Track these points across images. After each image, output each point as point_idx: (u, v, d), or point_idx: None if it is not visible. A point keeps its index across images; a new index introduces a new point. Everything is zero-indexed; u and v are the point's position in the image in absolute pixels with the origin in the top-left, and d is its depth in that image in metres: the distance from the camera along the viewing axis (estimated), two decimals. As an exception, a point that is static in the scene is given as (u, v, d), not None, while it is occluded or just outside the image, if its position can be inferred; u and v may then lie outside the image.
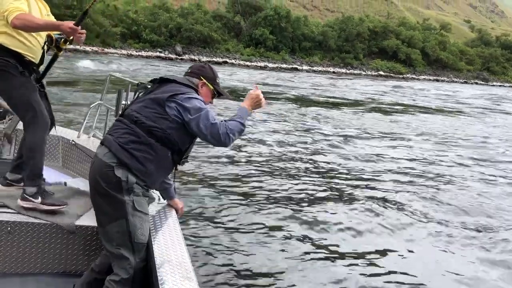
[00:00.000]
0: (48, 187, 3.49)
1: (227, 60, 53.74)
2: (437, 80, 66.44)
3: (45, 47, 3.17)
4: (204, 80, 2.62)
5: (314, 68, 58.47)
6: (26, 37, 3.06)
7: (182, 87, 2.49)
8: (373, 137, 12.94)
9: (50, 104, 3.45)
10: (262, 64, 55.35)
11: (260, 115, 14.24)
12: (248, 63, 54.33)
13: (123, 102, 3.96)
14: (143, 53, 48.59)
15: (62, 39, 3.03)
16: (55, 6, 45.19)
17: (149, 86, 2.68)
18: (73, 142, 4.26)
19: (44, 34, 3.15)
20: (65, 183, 3.71)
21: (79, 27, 2.86)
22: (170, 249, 2.39)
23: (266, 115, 14.98)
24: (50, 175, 3.86)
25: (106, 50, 46.37)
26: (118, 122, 2.51)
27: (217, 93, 2.67)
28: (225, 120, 2.48)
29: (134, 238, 2.36)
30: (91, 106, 4.73)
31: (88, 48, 45.04)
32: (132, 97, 2.74)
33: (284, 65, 56.69)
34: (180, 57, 50.60)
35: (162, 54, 50.00)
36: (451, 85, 57.66)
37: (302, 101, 21.84)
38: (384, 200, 6.96)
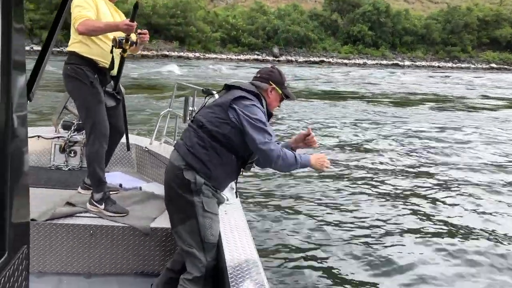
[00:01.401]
0: (124, 192, 3.75)
1: (324, 59, 53.14)
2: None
3: (113, 51, 3.21)
4: (274, 85, 2.62)
5: (417, 63, 55.57)
6: (99, 44, 3.18)
7: (246, 93, 2.50)
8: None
9: (125, 112, 3.56)
10: (361, 61, 53.90)
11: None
12: (346, 61, 53.23)
13: (190, 108, 4.08)
14: (242, 57, 49.81)
15: (124, 40, 3.08)
16: (161, 16, 48.15)
17: (215, 93, 2.80)
18: (146, 149, 4.47)
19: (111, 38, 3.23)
20: (140, 188, 3.90)
21: (134, 22, 2.96)
22: (240, 249, 2.45)
23: (382, 116, 14.45)
24: (127, 180, 4.09)
25: (207, 55, 48.32)
26: (188, 127, 2.61)
27: (286, 97, 2.67)
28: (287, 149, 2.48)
29: (205, 238, 2.43)
30: (161, 114, 4.96)
31: (191, 55, 47.29)
32: (202, 103, 2.77)
33: (384, 61, 54.63)
34: (277, 59, 51.06)
35: (259, 57, 50.86)
36: None
37: (412, 101, 20.66)
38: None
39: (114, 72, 3.33)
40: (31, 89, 1.26)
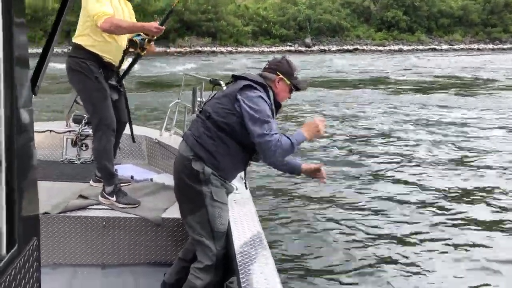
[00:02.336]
0: (136, 184, 3.81)
1: (358, 46, 52.14)
2: None
3: (127, 51, 3.24)
4: (281, 75, 2.59)
5: (455, 47, 53.65)
6: (106, 39, 3.17)
7: (253, 84, 2.48)
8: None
9: (127, 104, 3.58)
10: (396, 47, 52.58)
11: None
12: (380, 47, 52.05)
13: (198, 99, 4.14)
14: (274, 49, 49.53)
15: (146, 40, 3.12)
16: (193, 12, 48.48)
17: (223, 83, 2.85)
18: (156, 141, 4.52)
19: (125, 37, 3.24)
20: (151, 179, 3.95)
21: (164, 26, 3.01)
22: (249, 237, 2.48)
23: (416, 104, 14.10)
24: (138, 172, 4.16)
25: (239, 49, 48.32)
26: (196, 117, 2.64)
27: (295, 88, 2.64)
28: (281, 134, 2.44)
29: (214, 227, 2.47)
30: (170, 105, 5.01)
31: (223, 49, 47.44)
32: (210, 93, 2.78)
33: (420, 47, 53.09)
34: (310, 49, 50.51)
35: (292, 48, 50.42)
36: None
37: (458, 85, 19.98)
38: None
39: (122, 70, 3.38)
40: (36, 83, 1.27)
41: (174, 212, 3.16)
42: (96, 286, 2.99)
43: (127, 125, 3.74)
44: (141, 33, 3.14)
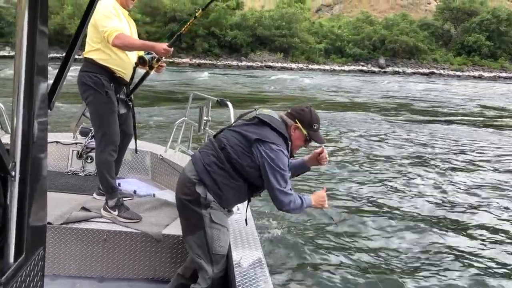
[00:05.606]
0: (138, 198, 3.82)
1: (435, 70, 50.28)
2: None
3: (136, 67, 3.30)
4: (298, 124, 2.58)
5: (542, 76, 50.21)
6: (118, 54, 3.21)
7: (275, 135, 2.49)
8: None
9: (135, 118, 3.64)
10: (475, 73, 50.12)
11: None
12: (458, 73, 49.86)
13: (205, 118, 4.22)
14: (346, 68, 48.93)
15: (155, 59, 3.22)
16: (266, 28, 49.14)
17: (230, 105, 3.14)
18: (161, 157, 4.51)
19: (135, 53, 3.32)
20: (154, 195, 3.95)
21: (172, 48, 3.12)
22: (249, 260, 2.46)
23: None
24: (141, 187, 4.15)
25: (310, 66, 48.21)
26: (209, 142, 2.62)
27: (310, 139, 2.62)
28: (296, 194, 2.53)
29: (212, 249, 2.46)
30: (176, 123, 4.97)
31: (294, 65, 47.52)
32: (216, 112, 2.73)
33: (503, 74, 50.24)
34: (383, 70, 49.34)
35: (364, 68, 49.58)
36: None
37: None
38: None
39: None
40: (52, 97, 1.28)
41: (175, 228, 3.17)
42: None
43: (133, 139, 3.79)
44: (152, 52, 3.25)
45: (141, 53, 3.30)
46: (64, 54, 1.37)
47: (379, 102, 21.09)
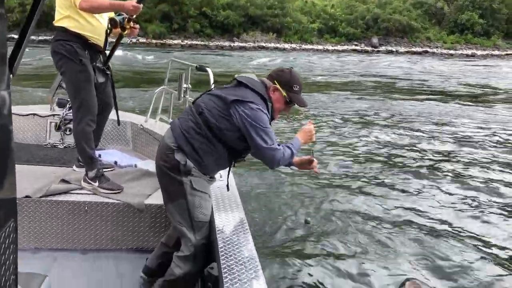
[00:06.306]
0: (119, 169, 3.79)
1: (428, 49, 50.12)
2: None
3: (108, 31, 3.19)
4: (277, 85, 2.51)
5: (535, 54, 50.27)
6: (88, 20, 3.12)
7: (253, 95, 2.43)
8: None
9: (114, 87, 3.52)
10: (468, 51, 50.05)
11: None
12: (451, 51, 49.76)
13: (184, 85, 4.11)
14: (339, 47, 48.64)
15: (126, 19, 3.09)
16: (258, 7, 48.56)
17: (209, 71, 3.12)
18: (142, 127, 4.45)
19: (106, 17, 3.20)
20: (136, 165, 3.90)
21: (141, 5, 2.98)
22: (232, 227, 2.45)
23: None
24: (122, 157, 4.09)
25: (303, 46, 47.87)
26: (188, 108, 2.56)
27: (290, 101, 2.54)
28: (283, 145, 2.49)
29: (194, 217, 2.43)
30: (156, 91, 4.86)
31: (287, 46, 47.19)
32: (195, 79, 2.69)
33: (496, 52, 50.20)
34: (377, 49, 49.12)
35: (357, 47, 49.30)
36: None
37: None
38: None
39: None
40: (14, 63, 1.24)
41: (157, 198, 3.11)
42: (76, 271, 2.94)
43: (113, 110, 3.68)
44: (123, 13, 3.12)
45: (112, 14, 3.17)
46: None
47: (372, 82, 21.04)
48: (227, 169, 2.66)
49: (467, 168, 7.62)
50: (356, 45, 50.08)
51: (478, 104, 15.25)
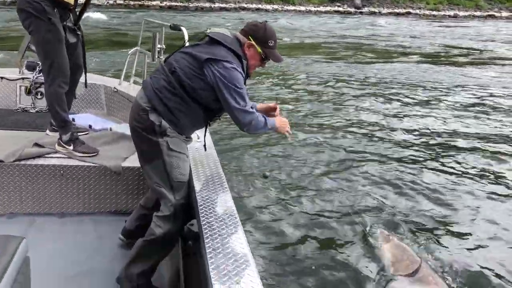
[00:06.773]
0: (94, 133, 3.74)
1: (411, 10, 49.66)
2: None
3: None
4: (252, 41, 2.43)
5: (517, 14, 50.27)
6: None
7: (227, 52, 2.35)
8: None
9: (84, 49, 3.40)
10: (451, 12, 49.78)
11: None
12: (434, 12, 49.42)
13: (158, 46, 4.01)
14: (322, 9, 47.89)
15: None
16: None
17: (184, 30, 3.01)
18: (115, 90, 4.38)
19: None
20: (110, 129, 3.85)
21: None
22: (211, 186, 2.45)
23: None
24: (96, 121, 4.04)
25: (285, 7, 46.99)
26: (160, 66, 2.49)
27: (265, 57, 2.48)
28: (258, 113, 2.46)
29: (172, 177, 2.40)
30: (129, 53, 4.72)
31: (269, 7, 46.28)
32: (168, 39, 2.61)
33: (477, 13, 50.04)
34: (360, 10, 48.55)
35: (340, 9, 48.59)
36: None
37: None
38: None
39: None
40: None
41: (134, 161, 3.09)
42: (54, 235, 2.94)
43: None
44: None
45: None
46: None
47: (351, 44, 20.92)
48: (204, 129, 2.62)
49: (444, 124, 7.77)
50: (338, 6, 49.35)
51: (449, 65, 15.35)
